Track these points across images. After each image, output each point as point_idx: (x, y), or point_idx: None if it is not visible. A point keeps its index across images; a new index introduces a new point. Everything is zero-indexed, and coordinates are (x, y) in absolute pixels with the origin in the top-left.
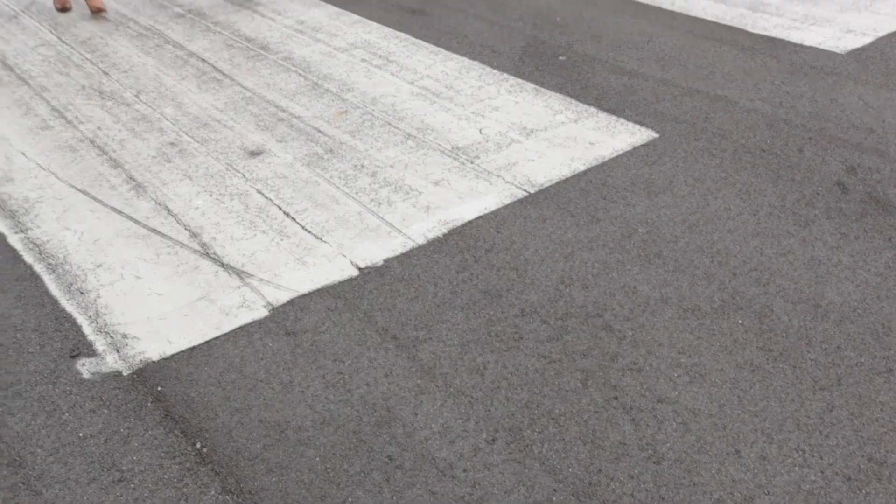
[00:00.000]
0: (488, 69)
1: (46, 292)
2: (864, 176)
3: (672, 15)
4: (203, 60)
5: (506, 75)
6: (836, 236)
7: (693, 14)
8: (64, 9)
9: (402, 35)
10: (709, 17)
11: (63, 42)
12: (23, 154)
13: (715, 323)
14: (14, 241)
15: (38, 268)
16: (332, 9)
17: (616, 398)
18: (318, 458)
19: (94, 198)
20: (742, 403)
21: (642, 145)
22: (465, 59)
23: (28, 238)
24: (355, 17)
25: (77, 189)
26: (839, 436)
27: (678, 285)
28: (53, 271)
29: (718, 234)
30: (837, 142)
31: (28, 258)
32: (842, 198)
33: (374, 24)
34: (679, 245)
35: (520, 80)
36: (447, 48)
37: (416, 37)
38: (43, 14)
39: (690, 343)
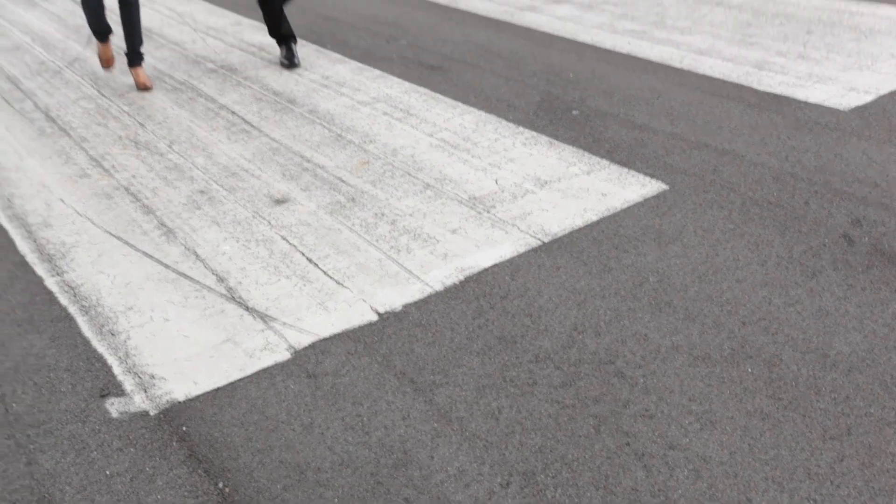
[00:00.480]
0: (504, 122)
1: (79, 333)
2: (869, 229)
3: (681, 72)
4: (233, 113)
5: (521, 128)
6: (843, 287)
7: (701, 72)
8: (109, 66)
9: (422, 90)
10: (716, 75)
11: (102, 95)
12: (62, 201)
13: (725, 371)
14: (51, 283)
15: (73, 309)
16: (355, 64)
17: (628, 444)
18: (336, 500)
19: (127, 243)
20: (753, 451)
21: (653, 197)
22: (482, 113)
23: (64, 281)
24: (377, 72)
25: (111, 234)
26: (850, 486)
27: (689, 333)
28: (87, 313)
29: (727, 283)
30: (843, 195)
31: (63, 300)
32: (848, 250)
33: (396, 79)
34: (689, 294)
35: (534, 134)
36: (465, 102)
37: (436, 91)
38: (85, 70)
39: (701, 390)
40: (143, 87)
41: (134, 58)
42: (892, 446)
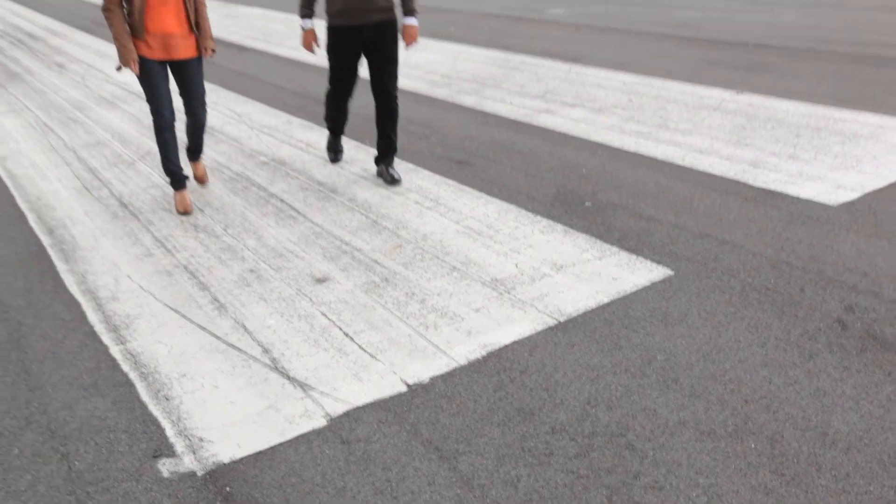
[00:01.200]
0: (524, 212)
1: (138, 398)
2: (861, 315)
3: (683, 169)
4: (282, 200)
5: (539, 218)
6: (838, 369)
7: (701, 169)
8: (186, 212)
9: (450, 182)
10: (715, 172)
11: (168, 185)
12: (128, 277)
13: (730, 446)
14: (115, 351)
15: (133, 376)
16: None
17: None
18: None
19: (183, 316)
20: None
21: (659, 281)
22: (504, 203)
23: (126, 349)
24: (410, 165)
25: (170, 308)
26: None
27: (695, 409)
28: (145, 379)
29: (730, 363)
30: (835, 283)
31: (125, 367)
32: (842, 334)
33: (426, 172)
34: (694, 372)
35: (551, 222)
36: (488, 194)
37: (462, 183)
38: (154, 162)
39: (707, 464)
40: (200, 181)
41: (195, 153)
42: None
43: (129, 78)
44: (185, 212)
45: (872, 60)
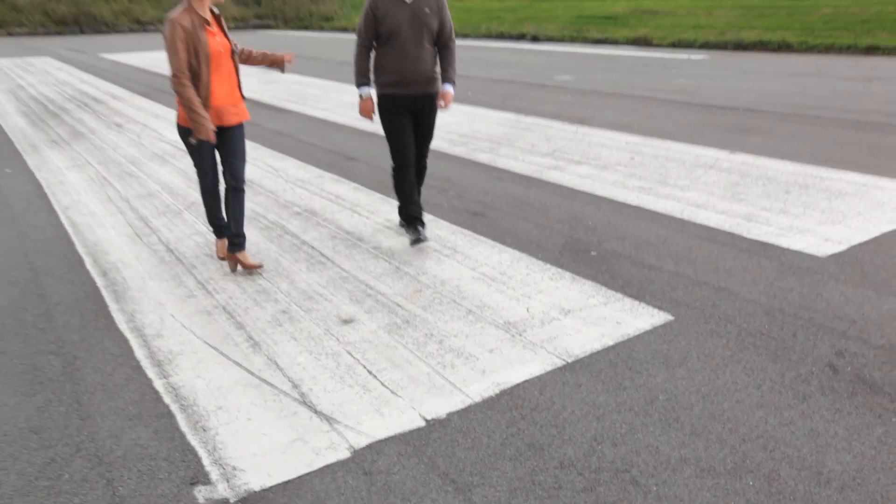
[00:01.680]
0: (534, 260)
1: (178, 428)
2: (851, 360)
3: (682, 222)
4: (312, 247)
5: (548, 265)
6: (831, 411)
7: (699, 222)
8: (226, 258)
9: (467, 232)
10: (712, 225)
11: (210, 232)
12: (172, 316)
13: (729, 483)
14: (158, 385)
15: (174, 407)
16: None
17: None
18: None
19: (221, 352)
20: None
21: (660, 326)
22: (516, 252)
23: (169, 383)
24: (429, 216)
25: (209, 345)
26: None
27: (695, 447)
28: (185, 411)
29: (728, 403)
30: (825, 330)
31: (167, 399)
32: (833, 377)
33: (445, 223)
34: (694, 412)
35: (559, 270)
36: (502, 243)
37: (478, 233)
38: (199, 212)
39: (708, 500)
40: (249, 269)
41: (238, 242)
42: None
43: (178, 137)
44: (225, 258)
45: (853, 125)
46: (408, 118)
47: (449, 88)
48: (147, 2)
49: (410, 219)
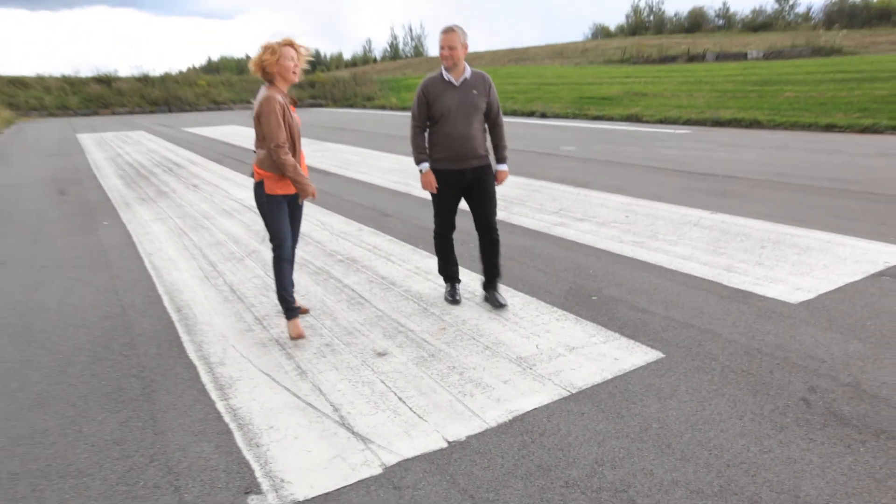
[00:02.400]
0: (543, 303)
1: (235, 444)
2: (822, 395)
3: (671, 272)
4: (353, 290)
5: (555, 308)
6: (805, 440)
7: (685, 271)
8: (299, 337)
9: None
10: (697, 274)
11: (268, 275)
12: (233, 346)
13: None
14: (220, 406)
15: (232, 426)
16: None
17: None
18: None
19: (273, 379)
20: None
21: (653, 362)
22: (527, 296)
23: (229, 405)
24: None
25: (263, 372)
26: None
27: (685, 471)
28: (241, 429)
29: (714, 432)
30: (799, 368)
31: (227, 418)
32: (807, 410)
33: (465, 270)
34: (684, 439)
35: (565, 312)
36: (514, 288)
37: None
38: (258, 259)
39: None
40: (296, 336)
41: (291, 308)
42: None
43: (245, 194)
44: (297, 337)
45: (817, 191)
46: (455, 191)
47: (504, 167)
48: (222, 86)
49: (448, 278)
